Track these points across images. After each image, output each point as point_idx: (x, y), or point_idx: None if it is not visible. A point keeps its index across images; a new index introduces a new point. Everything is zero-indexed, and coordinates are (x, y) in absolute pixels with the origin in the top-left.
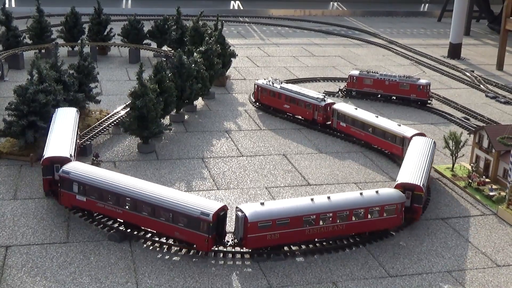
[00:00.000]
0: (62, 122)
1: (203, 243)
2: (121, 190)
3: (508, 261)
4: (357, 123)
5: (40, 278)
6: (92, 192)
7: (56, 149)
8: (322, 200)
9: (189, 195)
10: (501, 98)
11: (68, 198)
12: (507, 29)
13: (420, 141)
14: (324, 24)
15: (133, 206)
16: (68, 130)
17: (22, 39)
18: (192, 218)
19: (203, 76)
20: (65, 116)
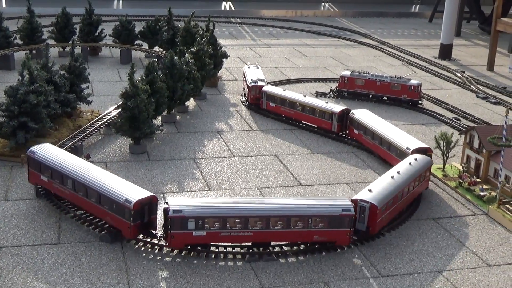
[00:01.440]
0: None
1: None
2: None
3: (499, 260)
4: (286, 103)
5: (31, 279)
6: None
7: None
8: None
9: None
10: (492, 99)
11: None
12: (497, 30)
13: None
14: (315, 25)
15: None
16: None
17: (13, 39)
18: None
19: (194, 76)
20: None
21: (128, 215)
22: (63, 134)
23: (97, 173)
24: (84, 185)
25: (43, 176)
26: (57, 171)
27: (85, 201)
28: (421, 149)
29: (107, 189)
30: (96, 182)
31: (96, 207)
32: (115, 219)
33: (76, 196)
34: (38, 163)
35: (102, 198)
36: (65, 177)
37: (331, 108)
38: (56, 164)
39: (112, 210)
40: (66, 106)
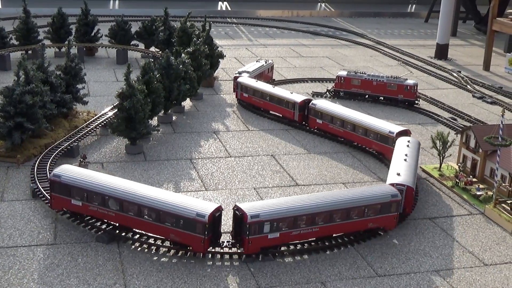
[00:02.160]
0: None
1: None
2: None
3: (495, 260)
4: (257, 93)
5: (27, 280)
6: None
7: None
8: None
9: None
10: (488, 98)
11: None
12: (493, 29)
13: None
14: (311, 25)
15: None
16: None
17: (8, 40)
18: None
19: (191, 77)
20: None
21: (201, 229)
22: (59, 134)
23: (148, 190)
24: (138, 204)
25: (74, 200)
26: (95, 192)
27: (138, 220)
28: (403, 131)
29: (170, 205)
30: (153, 199)
31: (154, 225)
32: (182, 235)
33: (124, 217)
34: (68, 187)
35: (164, 215)
36: (108, 198)
37: (293, 98)
38: (93, 185)
39: (178, 227)
40: (62, 106)
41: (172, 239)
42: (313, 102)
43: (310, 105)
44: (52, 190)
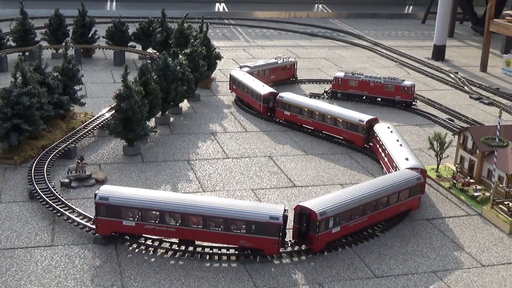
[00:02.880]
0: None
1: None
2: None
3: (493, 261)
4: (240, 85)
5: (24, 282)
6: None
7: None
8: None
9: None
10: (485, 100)
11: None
12: (490, 31)
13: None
14: (309, 26)
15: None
16: None
17: (5, 41)
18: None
19: (188, 78)
20: None
21: (275, 232)
22: (56, 136)
23: (210, 200)
24: (203, 216)
25: (126, 221)
26: (153, 209)
27: (203, 232)
28: (372, 120)
29: (239, 212)
30: (219, 209)
31: (222, 234)
32: (254, 240)
33: (187, 231)
34: (117, 208)
35: (233, 223)
36: (167, 214)
37: (260, 91)
38: (149, 202)
39: (249, 232)
40: (59, 108)
41: (241, 246)
42: (280, 95)
43: (278, 98)
44: (99, 214)
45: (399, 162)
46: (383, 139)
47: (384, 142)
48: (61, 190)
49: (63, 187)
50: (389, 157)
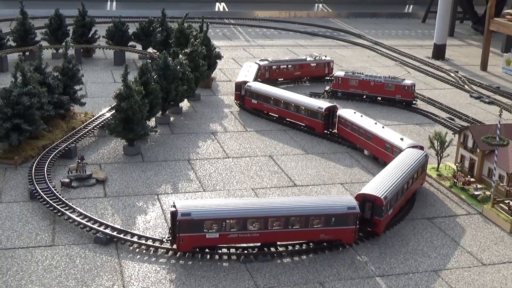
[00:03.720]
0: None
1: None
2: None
3: (494, 259)
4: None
5: (25, 282)
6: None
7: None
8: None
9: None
10: (485, 98)
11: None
12: (490, 30)
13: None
14: (309, 26)
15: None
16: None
17: (6, 41)
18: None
19: (188, 78)
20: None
21: (353, 221)
22: (56, 136)
23: (287, 200)
24: (285, 216)
25: (210, 234)
26: (236, 218)
27: (284, 233)
28: (331, 107)
29: (318, 208)
30: (299, 207)
31: (302, 231)
32: (333, 231)
33: (269, 234)
34: (201, 222)
35: (314, 219)
36: (251, 221)
37: (240, 79)
38: (232, 212)
39: (329, 225)
40: (59, 108)
41: (321, 239)
42: (248, 84)
43: (246, 87)
44: (181, 231)
45: (396, 143)
46: (359, 122)
47: (362, 125)
48: (61, 190)
49: (63, 187)
50: (378, 139)
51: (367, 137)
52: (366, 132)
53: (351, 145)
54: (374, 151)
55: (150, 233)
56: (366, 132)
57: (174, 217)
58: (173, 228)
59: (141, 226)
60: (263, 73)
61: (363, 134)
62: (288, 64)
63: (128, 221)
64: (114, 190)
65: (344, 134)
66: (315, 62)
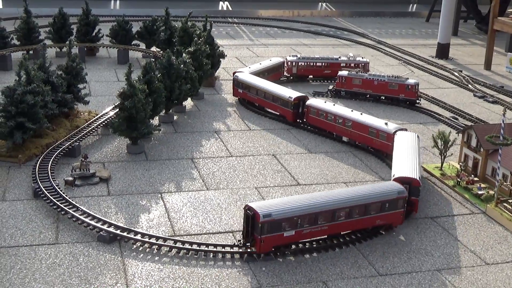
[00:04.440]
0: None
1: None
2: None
3: (497, 259)
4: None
5: (29, 280)
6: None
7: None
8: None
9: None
10: (489, 98)
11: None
12: (494, 29)
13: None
14: (312, 25)
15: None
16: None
17: (9, 40)
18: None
19: (192, 76)
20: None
21: (402, 204)
22: (60, 134)
23: (345, 191)
24: (350, 207)
25: (287, 232)
26: (310, 214)
27: (348, 223)
28: (301, 97)
29: (375, 196)
30: (359, 197)
31: (361, 220)
32: (387, 216)
33: (336, 225)
34: (280, 222)
35: (372, 206)
36: (321, 215)
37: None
38: (307, 208)
39: (383, 211)
40: (63, 106)
41: (377, 225)
42: (236, 74)
43: (234, 76)
44: (263, 232)
45: (382, 127)
46: (336, 110)
47: (341, 113)
48: (65, 188)
49: (67, 185)
50: (360, 125)
51: (347, 124)
52: (346, 119)
53: (354, 145)
54: (355, 137)
55: (153, 231)
56: (345, 119)
57: (254, 219)
58: (252, 230)
59: (144, 225)
60: (290, 68)
61: (341, 122)
62: (318, 62)
63: (132, 220)
64: (118, 188)
65: (315, 123)
66: (347, 62)
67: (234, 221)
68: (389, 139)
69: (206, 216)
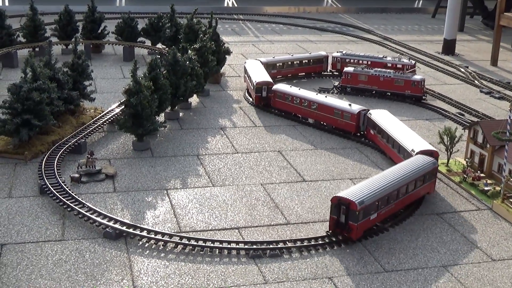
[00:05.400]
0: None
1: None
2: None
3: (503, 255)
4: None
5: (35, 276)
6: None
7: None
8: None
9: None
10: (496, 94)
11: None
12: (501, 25)
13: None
14: (318, 21)
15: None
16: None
17: (15, 37)
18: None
19: (197, 73)
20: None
21: (435, 173)
22: (66, 131)
23: (399, 168)
24: (408, 183)
25: (372, 215)
26: (386, 195)
27: (408, 196)
28: (265, 82)
29: (421, 170)
30: (413, 172)
31: (414, 193)
32: (427, 186)
33: (400, 201)
34: (369, 207)
35: (420, 180)
36: (393, 194)
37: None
38: (383, 191)
39: (425, 182)
40: (69, 103)
41: (421, 196)
42: (246, 61)
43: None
44: (359, 219)
45: (347, 108)
46: (301, 94)
47: (306, 96)
48: (71, 185)
49: (73, 182)
50: (325, 107)
51: (312, 106)
52: (311, 102)
53: (360, 141)
54: (321, 118)
55: (159, 228)
56: (310, 102)
57: (349, 208)
58: (347, 219)
59: (150, 221)
60: (335, 63)
61: (306, 105)
62: (363, 60)
63: (138, 216)
64: (124, 185)
65: (281, 106)
66: (393, 63)
67: (240, 217)
68: (353, 119)
69: (211, 213)
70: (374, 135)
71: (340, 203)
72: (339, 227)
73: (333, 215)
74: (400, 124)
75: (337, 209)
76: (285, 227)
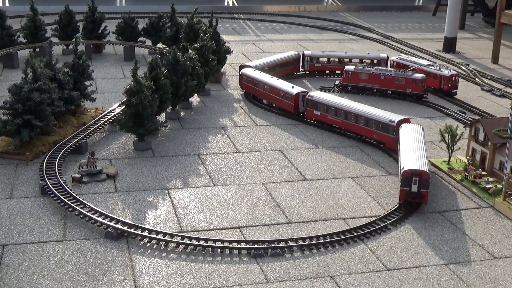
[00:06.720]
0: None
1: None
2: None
3: (505, 253)
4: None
5: (37, 277)
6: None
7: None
8: None
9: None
10: (497, 91)
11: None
12: (502, 22)
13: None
14: (319, 20)
15: None
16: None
17: (16, 38)
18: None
19: (198, 72)
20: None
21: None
22: (67, 131)
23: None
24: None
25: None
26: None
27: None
28: (244, 65)
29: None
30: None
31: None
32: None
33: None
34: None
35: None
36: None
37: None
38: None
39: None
40: (70, 103)
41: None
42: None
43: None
44: (429, 186)
45: (289, 90)
46: (258, 77)
47: (261, 79)
48: (72, 185)
49: (74, 182)
50: (274, 89)
51: (265, 88)
52: (264, 84)
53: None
54: (271, 99)
55: (160, 227)
56: (264, 84)
57: (422, 178)
58: (420, 188)
59: (151, 221)
60: (392, 66)
61: (261, 87)
62: (411, 65)
63: (139, 216)
64: (125, 185)
65: (246, 89)
66: (436, 73)
67: (241, 216)
68: (291, 99)
69: (213, 212)
70: (320, 115)
71: (413, 175)
72: (411, 196)
73: (405, 187)
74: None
75: (408, 181)
76: (286, 226)
